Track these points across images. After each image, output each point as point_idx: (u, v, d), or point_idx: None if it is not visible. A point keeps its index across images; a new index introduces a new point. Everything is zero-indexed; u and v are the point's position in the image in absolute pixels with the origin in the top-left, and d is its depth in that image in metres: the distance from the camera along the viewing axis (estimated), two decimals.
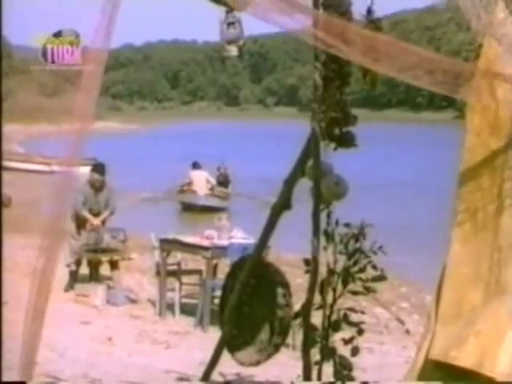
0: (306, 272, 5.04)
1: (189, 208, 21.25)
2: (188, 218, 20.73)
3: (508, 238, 3.79)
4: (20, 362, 4.57)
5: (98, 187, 11.17)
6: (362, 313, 5.14)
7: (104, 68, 4.24)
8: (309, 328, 5.02)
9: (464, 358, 3.75)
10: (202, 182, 21.62)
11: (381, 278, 5.09)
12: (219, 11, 4.60)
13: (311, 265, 4.98)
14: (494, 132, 3.84)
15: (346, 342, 5.07)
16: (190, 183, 21.78)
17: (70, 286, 10.88)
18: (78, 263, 11.04)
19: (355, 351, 5.05)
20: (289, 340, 6.01)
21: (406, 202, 21.91)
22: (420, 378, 3.99)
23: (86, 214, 11.03)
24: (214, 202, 20.72)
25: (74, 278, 10.99)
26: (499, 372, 3.64)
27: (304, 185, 5.06)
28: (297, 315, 5.05)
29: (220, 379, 6.10)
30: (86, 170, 11.38)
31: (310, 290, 4.95)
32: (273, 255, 8.25)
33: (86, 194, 11.10)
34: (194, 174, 21.85)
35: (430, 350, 3.91)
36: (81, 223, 11.08)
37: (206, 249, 9.74)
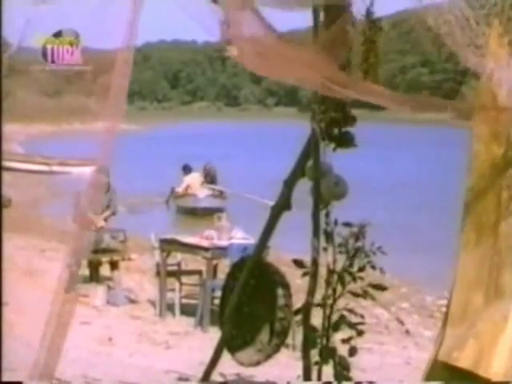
0: (304, 274, 5.04)
1: (189, 211, 21.09)
2: (187, 218, 20.70)
3: (506, 241, 3.84)
4: (36, 368, 4.59)
5: None
6: (362, 317, 5.14)
7: (104, 68, 4.25)
8: (309, 328, 5.03)
9: (463, 359, 3.88)
10: (197, 184, 21.55)
11: (381, 287, 5.11)
12: (219, 11, 4.59)
13: (308, 266, 4.99)
14: (495, 139, 3.86)
15: (345, 341, 5.07)
16: (187, 188, 21.63)
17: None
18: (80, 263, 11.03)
19: (353, 351, 5.05)
20: (289, 340, 6.02)
21: (405, 202, 21.90)
22: (429, 378, 4.07)
23: (91, 215, 11.01)
24: (214, 203, 20.66)
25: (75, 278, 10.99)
26: (493, 372, 3.77)
27: (304, 185, 5.06)
28: (297, 312, 5.06)
29: (220, 379, 6.09)
30: (87, 171, 11.36)
31: (310, 291, 4.96)
32: (273, 255, 8.24)
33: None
34: (188, 179, 21.70)
35: (439, 351, 4.00)
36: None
37: (205, 249, 9.73)
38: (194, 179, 21.65)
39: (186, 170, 21.79)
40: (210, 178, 21.67)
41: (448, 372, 3.94)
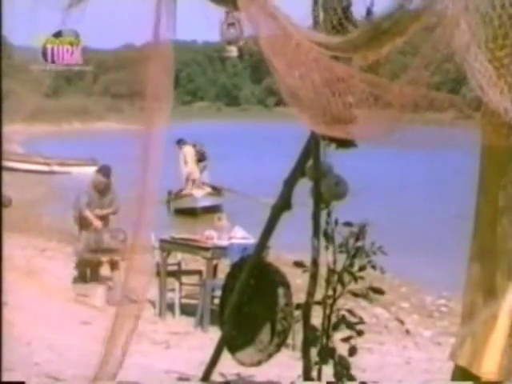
0: (304, 272, 5.05)
1: (188, 212, 21.04)
2: (187, 219, 20.68)
3: (500, 242, 3.88)
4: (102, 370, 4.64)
5: (102, 189, 11.11)
6: (361, 318, 5.14)
7: (104, 68, 4.25)
8: (309, 328, 5.03)
9: (462, 357, 3.99)
10: (192, 157, 21.49)
11: (379, 291, 5.13)
12: (219, 11, 4.60)
13: (307, 266, 4.99)
14: (498, 137, 3.85)
15: (345, 340, 5.08)
16: (185, 159, 21.41)
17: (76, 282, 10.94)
18: (83, 264, 11.05)
19: (353, 351, 5.05)
20: (289, 340, 6.02)
21: (405, 202, 21.90)
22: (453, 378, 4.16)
23: (88, 214, 11.01)
24: (212, 201, 20.70)
25: (84, 278, 11.02)
26: (484, 371, 3.86)
27: (304, 185, 5.06)
28: (298, 307, 5.07)
29: (220, 379, 6.09)
30: (88, 171, 11.47)
31: (310, 291, 4.96)
32: (273, 255, 8.24)
33: (90, 196, 11.08)
34: (185, 151, 21.53)
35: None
36: (83, 224, 11.07)
37: (206, 249, 9.73)
38: (190, 151, 21.59)
39: (181, 142, 21.57)
40: (200, 156, 21.70)
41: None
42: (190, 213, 20.72)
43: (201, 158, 21.98)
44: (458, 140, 4.07)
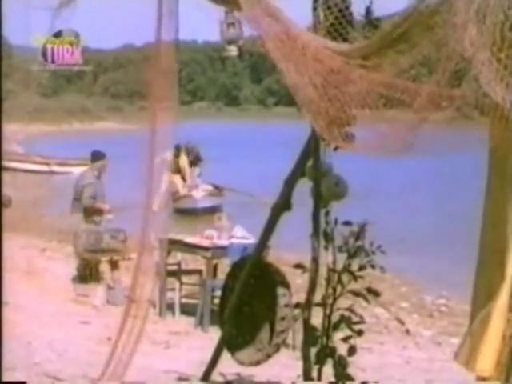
0: (303, 272, 5.06)
1: (188, 212, 21.00)
2: (187, 218, 20.66)
3: (504, 240, 3.89)
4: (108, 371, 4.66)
5: (102, 173, 11.14)
6: (361, 317, 5.14)
7: (104, 68, 4.25)
8: (309, 328, 5.03)
9: (460, 357, 4.01)
10: (187, 167, 21.24)
11: (376, 292, 5.15)
12: (219, 11, 4.61)
13: (308, 267, 4.99)
14: (505, 140, 3.85)
15: (344, 340, 5.08)
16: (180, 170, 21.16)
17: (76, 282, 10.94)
18: (85, 264, 11.04)
19: (352, 350, 5.06)
20: (289, 340, 6.02)
21: (405, 201, 21.90)
22: None
23: (99, 204, 10.97)
24: (212, 202, 20.69)
25: (84, 278, 11.00)
26: (479, 369, 3.90)
27: (304, 185, 5.06)
28: (297, 306, 5.07)
29: (220, 379, 6.10)
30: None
31: (310, 290, 4.96)
32: (273, 255, 8.24)
33: (95, 187, 11.02)
34: (184, 161, 21.16)
35: None
36: (91, 214, 11.00)
37: (206, 249, 9.72)
38: (185, 162, 21.28)
39: (181, 149, 20.74)
40: (192, 158, 21.38)
41: None
42: (189, 213, 20.70)
43: (195, 160, 21.58)
44: (460, 141, 4.06)
